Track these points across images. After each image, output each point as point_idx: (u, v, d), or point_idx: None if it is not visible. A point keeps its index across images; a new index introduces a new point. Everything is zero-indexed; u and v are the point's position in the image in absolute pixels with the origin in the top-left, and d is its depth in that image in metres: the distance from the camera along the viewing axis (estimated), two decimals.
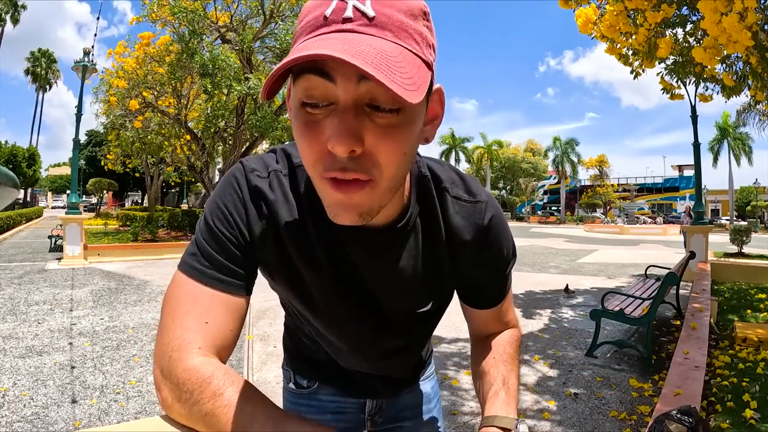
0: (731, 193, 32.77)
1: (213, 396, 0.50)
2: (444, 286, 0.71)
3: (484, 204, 0.67)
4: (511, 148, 44.91)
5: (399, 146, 0.46)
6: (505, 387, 0.66)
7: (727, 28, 3.06)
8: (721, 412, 2.47)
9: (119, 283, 6.79)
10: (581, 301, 6.14)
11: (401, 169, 0.49)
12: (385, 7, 0.45)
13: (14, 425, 2.43)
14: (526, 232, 24.41)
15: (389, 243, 0.63)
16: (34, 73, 39.11)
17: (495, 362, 0.71)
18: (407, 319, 0.73)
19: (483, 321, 0.77)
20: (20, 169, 26.92)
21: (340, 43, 0.41)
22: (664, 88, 4.92)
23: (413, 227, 0.64)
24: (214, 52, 9.96)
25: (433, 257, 0.67)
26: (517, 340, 0.77)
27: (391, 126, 0.45)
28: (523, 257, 11.74)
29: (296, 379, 0.89)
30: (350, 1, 0.44)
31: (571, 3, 4.43)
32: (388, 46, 0.43)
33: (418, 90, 0.42)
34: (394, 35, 0.45)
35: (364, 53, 0.40)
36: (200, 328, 0.54)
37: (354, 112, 0.43)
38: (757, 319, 4.63)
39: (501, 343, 0.75)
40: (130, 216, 15.26)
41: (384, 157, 0.46)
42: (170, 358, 0.53)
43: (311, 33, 0.45)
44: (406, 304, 0.70)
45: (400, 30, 0.45)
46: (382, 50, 0.42)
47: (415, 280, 0.67)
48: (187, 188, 34.47)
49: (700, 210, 8.64)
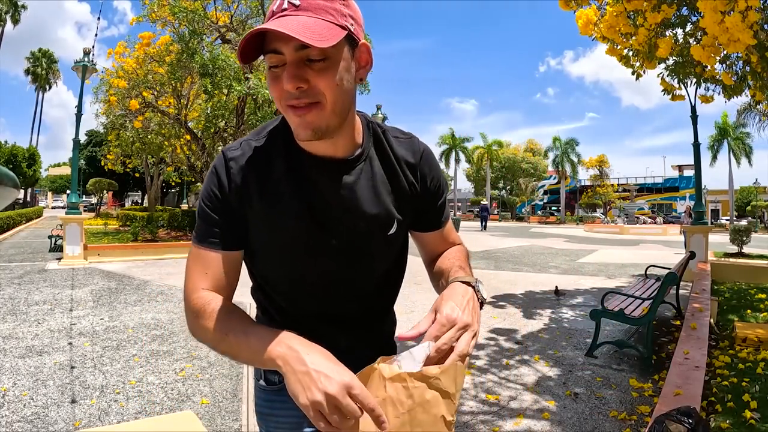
0: (731, 193, 32.76)
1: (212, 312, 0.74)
2: (404, 206, 0.86)
3: (416, 139, 0.89)
4: (511, 148, 44.87)
5: (331, 78, 0.68)
6: (463, 270, 0.84)
7: (729, 27, 3.05)
8: (721, 412, 2.47)
9: (119, 283, 6.79)
10: (581, 301, 6.14)
11: (340, 96, 0.70)
12: None
13: (14, 425, 2.44)
14: (526, 232, 24.40)
15: (349, 170, 0.80)
16: (34, 73, 39.08)
17: (451, 261, 0.88)
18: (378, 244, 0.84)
19: (434, 243, 0.95)
20: (20, 169, 26.91)
21: (277, 23, 0.66)
22: (664, 89, 4.91)
23: (369, 157, 0.82)
24: (214, 52, 9.95)
25: (390, 180, 0.84)
26: (465, 250, 0.95)
27: (323, 68, 0.68)
28: (523, 257, 11.74)
29: (266, 375, 0.90)
30: None
31: (571, 4, 4.43)
32: (306, 20, 0.66)
33: (326, 40, 0.65)
34: (313, 14, 0.67)
35: (287, 25, 0.64)
36: (202, 277, 0.78)
37: (296, 65, 0.67)
38: (757, 319, 4.63)
39: (453, 251, 0.94)
40: (130, 216, 15.26)
41: (323, 86, 0.68)
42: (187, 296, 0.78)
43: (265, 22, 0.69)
44: (373, 226, 0.82)
45: (318, 9, 0.68)
46: (300, 22, 0.65)
47: (378, 202, 0.82)
48: (187, 188, 34.45)
49: (700, 210, 8.64)
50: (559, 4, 4.45)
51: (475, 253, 12.34)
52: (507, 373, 3.42)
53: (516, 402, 2.90)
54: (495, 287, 7.07)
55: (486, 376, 3.35)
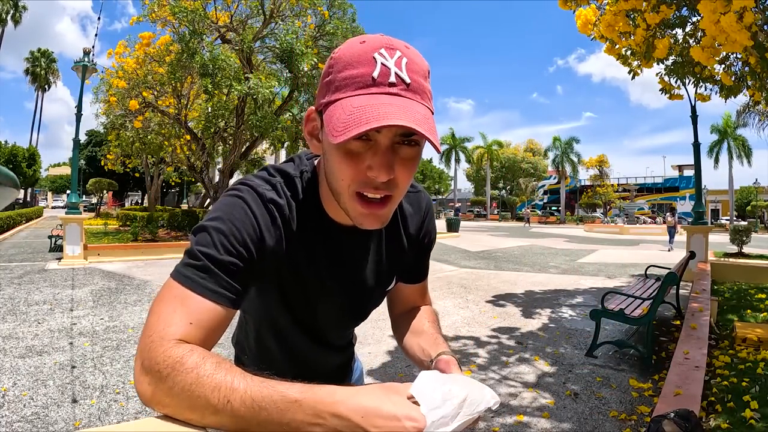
0: (731, 193, 32.80)
1: (195, 366, 0.52)
2: (404, 263, 0.85)
3: (423, 193, 0.86)
4: (511, 148, 44.89)
5: (413, 171, 0.63)
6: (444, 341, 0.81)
7: (725, 27, 3.06)
8: (721, 412, 2.47)
9: (119, 283, 6.79)
10: (581, 300, 6.14)
11: (408, 186, 0.65)
12: (414, 73, 0.59)
13: (14, 425, 2.44)
14: (526, 232, 24.40)
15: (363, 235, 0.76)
16: (33, 73, 39.03)
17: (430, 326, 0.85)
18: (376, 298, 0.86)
19: (412, 296, 0.92)
20: (20, 169, 26.89)
21: (401, 111, 0.55)
22: (663, 88, 4.92)
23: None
24: (214, 52, 9.95)
25: (393, 239, 0.82)
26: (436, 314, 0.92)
27: (410, 158, 0.61)
28: (523, 257, 11.74)
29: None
30: (392, 68, 0.58)
31: (570, 4, 4.44)
32: (424, 111, 0.58)
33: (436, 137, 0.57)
34: (422, 98, 0.59)
35: (419, 120, 0.55)
36: (184, 326, 0.57)
37: (391, 150, 0.59)
38: (757, 319, 4.63)
39: (427, 312, 0.90)
40: (130, 216, 15.23)
41: (403, 180, 0.62)
42: (150, 347, 0.54)
43: (361, 89, 0.58)
44: (375, 285, 0.83)
45: (423, 93, 0.60)
46: (424, 115, 0.57)
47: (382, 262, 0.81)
48: (187, 188, 34.45)
49: (700, 210, 8.63)
50: (558, 3, 4.46)
51: (475, 253, 12.35)
52: (507, 371, 3.42)
53: (516, 401, 2.90)
54: (495, 287, 7.07)
55: (486, 374, 3.35)
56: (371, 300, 0.85)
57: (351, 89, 0.58)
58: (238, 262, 0.62)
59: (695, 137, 8.63)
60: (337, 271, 0.77)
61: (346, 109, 0.56)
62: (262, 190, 0.68)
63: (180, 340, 0.55)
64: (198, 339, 0.57)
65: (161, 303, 0.59)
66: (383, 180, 0.59)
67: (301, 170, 0.74)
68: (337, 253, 0.76)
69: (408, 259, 0.86)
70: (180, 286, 0.59)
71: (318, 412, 0.48)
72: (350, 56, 0.59)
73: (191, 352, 0.54)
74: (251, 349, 0.91)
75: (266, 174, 0.72)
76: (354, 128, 0.54)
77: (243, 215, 0.64)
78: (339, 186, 0.63)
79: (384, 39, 0.60)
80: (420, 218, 0.84)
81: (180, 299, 0.58)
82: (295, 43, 10.08)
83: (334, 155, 0.61)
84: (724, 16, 3.07)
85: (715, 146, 31.26)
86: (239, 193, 0.67)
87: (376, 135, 0.58)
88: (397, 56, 0.58)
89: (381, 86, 0.57)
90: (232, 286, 0.61)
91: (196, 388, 0.50)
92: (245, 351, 0.93)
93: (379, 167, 0.58)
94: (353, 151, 0.59)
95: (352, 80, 0.58)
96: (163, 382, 0.52)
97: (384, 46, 0.59)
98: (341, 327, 0.89)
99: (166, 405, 0.53)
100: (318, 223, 0.73)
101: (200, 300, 0.59)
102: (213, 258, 0.61)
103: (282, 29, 10.95)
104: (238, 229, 0.63)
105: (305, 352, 0.86)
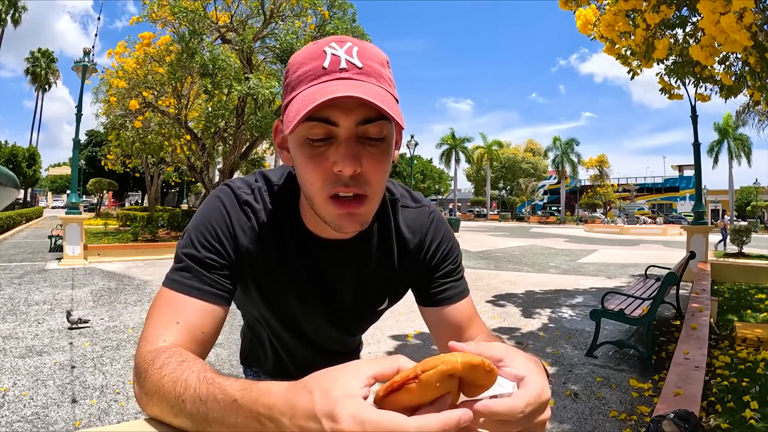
0: (731, 193, 32.80)
1: (162, 364, 0.51)
2: (398, 285, 0.79)
3: (427, 207, 0.79)
4: (511, 148, 44.93)
5: (384, 167, 0.59)
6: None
7: (725, 27, 3.06)
8: (721, 412, 2.47)
9: (119, 283, 6.79)
10: (581, 300, 6.14)
11: (383, 185, 0.62)
12: (367, 59, 0.57)
13: (14, 425, 2.44)
14: (526, 232, 24.39)
15: (347, 249, 0.72)
16: (33, 72, 39.02)
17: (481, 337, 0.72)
18: (368, 316, 0.83)
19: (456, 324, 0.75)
20: (20, 169, 26.89)
21: (352, 87, 0.53)
22: (663, 88, 4.92)
23: (371, 233, 0.74)
24: (214, 52, 9.96)
25: (387, 258, 0.76)
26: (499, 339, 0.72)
27: (379, 152, 0.57)
28: (523, 257, 11.74)
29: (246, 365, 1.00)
30: (342, 56, 0.56)
31: (570, 4, 4.44)
32: (379, 89, 0.55)
33: (400, 117, 0.54)
34: (378, 81, 0.57)
35: (371, 94, 0.53)
36: (170, 326, 0.58)
37: (354, 141, 0.56)
38: (757, 319, 4.63)
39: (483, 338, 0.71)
40: (130, 216, 15.25)
41: (373, 176, 0.58)
42: (137, 351, 0.57)
43: (313, 81, 0.56)
44: (365, 304, 0.79)
45: (380, 77, 0.57)
46: (379, 92, 0.54)
47: (373, 280, 0.76)
48: (187, 188, 34.47)
49: (700, 210, 8.63)
50: (559, 4, 4.46)
51: (475, 253, 12.35)
52: None
53: None
54: (495, 287, 7.07)
55: None
56: (355, 316, 0.81)
57: (304, 84, 0.56)
58: (216, 257, 0.64)
59: (695, 137, 8.64)
60: (314, 279, 0.74)
61: (297, 100, 0.55)
62: (240, 192, 0.69)
63: (165, 341, 0.57)
64: (187, 338, 0.58)
65: (152, 309, 0.61)
66: (349, 173, 0.55)
67: (287, 179, 0.73)
68: (312, 263, 0.72)
69: (404, 280, 0.79)
70: (168, 290, 0.62)
71: (255, 415, 0.41)
72: (303, 56, 0.58)
73: (165, 351, 0.54)
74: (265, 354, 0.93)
75: (251, 178, 0.73)
76: (302, 111, 0.52)
77: (218, 214, 0.66)
78: (309, 190, 0.60)
79: (336, 36, 0.60)
80: (419, 237, 0.77)
81: (167, 302, 0.61)
82: (295, 44, 10.09)
83: (299, 159, 0.59)
84: (724, 16, 3.07)
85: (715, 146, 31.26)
86: (218, 194, 0.69)
87: (336, 130, 0.55)
88: (347, 46, 0.57)
89: (332, 73, 0.55)
90: (215, 282, 0.63)
91: (160, 387, 0.50)
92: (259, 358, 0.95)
93: (342, 159, 0.55)
94: (316, 151, 0.57)
95: (304, 76, 0.57)
96: (142, 382, 0.53)
97: (334, 41, 0.58)
98: (329, 336, 0.85)
99: (146, 405, 0.54)
100: (295, 231, 0.71)
101: (186, 299, 0.61)
102: (193, 257, 0.63)
103: (282, 29, 10.96)
104: (213, 226, 0.65)
105: (305, 358, 0.87)
